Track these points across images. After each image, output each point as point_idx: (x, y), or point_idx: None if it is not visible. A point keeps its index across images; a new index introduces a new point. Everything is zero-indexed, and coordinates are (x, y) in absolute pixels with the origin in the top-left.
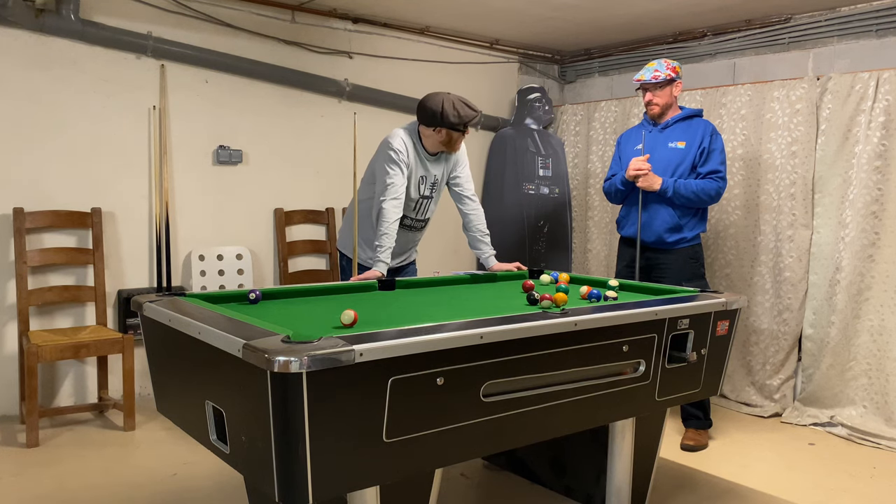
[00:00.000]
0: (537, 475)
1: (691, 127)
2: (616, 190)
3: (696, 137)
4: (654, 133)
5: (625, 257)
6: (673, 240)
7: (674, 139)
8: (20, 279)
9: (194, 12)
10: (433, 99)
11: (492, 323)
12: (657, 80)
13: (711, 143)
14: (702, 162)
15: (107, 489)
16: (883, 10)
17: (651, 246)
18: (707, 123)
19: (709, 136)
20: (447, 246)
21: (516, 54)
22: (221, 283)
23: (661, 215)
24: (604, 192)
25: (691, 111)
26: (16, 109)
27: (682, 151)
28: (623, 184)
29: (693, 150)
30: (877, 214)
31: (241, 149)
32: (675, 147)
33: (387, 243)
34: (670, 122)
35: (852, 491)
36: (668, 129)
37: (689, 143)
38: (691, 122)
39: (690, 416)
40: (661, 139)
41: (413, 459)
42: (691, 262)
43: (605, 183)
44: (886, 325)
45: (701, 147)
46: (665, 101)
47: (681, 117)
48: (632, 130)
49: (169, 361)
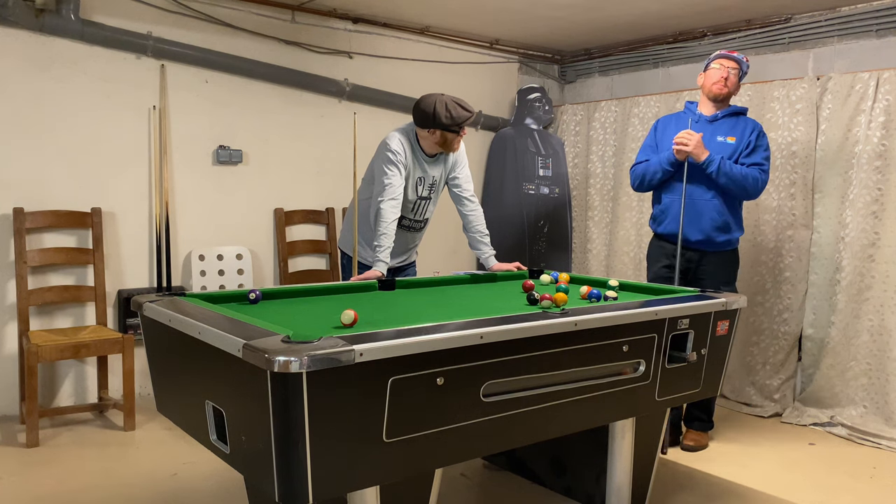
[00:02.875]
0: (537, 475)
1: (740, 123)
2: (659, 171)
3: (745, 134)
4: (701, 123)
5: (661, 258)
6: (722, 240)
7: (723, 133)
8: (20, 279)
9: (194, 12)
10: (426, 100)
11: (492, 323)
12: (743, 62)
13: (758, 140)
14: (747, 153)
15: (107, 489)
16: (883, 10)
17: (692, 246)
18: (755, 122)
19: (757, 132)
20: (447, 246)
21: (516, 54)
22: (221, 283)
23: (709, 212)
24: (631, 177)
25: (739, 108)
26: (16, 109)
27: (732, 146)
28: (671, 164)
29: (742, 146)
30: (877, 214)
31: (241, 149)
32: (726, 142)
33: (385, 243)
34: (719, 115)
35: (852, 491)
36: (717, 123)
37: (738, 139)
38: (739, 118)
39: (694, 417)
40: (709, 131)
41: (413, 459)
42: (732, 266)
43: (635, 167)
44: (886, 325)
45: (748, 141)
46: (732, 89)
47: (729, 112)
48: (672, 116)
49: (169, 361)
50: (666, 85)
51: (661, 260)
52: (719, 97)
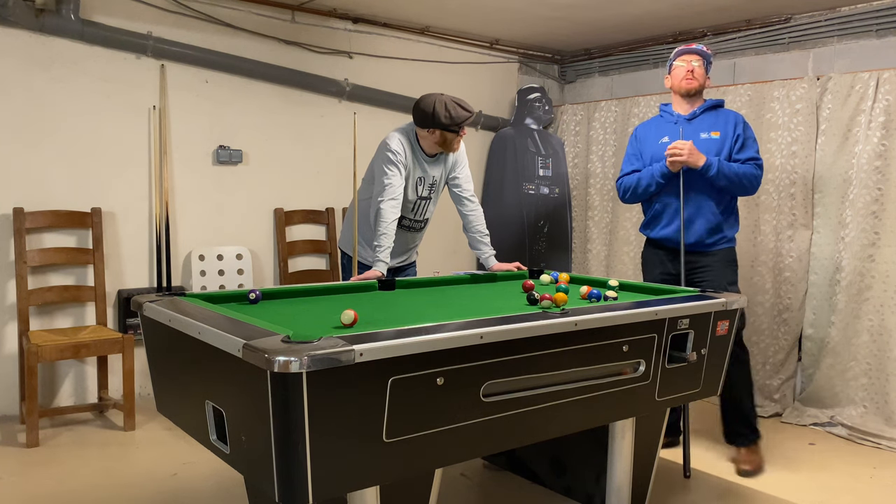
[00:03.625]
0: (537, 475)
1: (720, 116)
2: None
3: (728, 126)
4: (680, 123)
5: (657, 264)
6: (712, 240)
7: (705, 129)
8: (20, 279)
9: (194, 12)
10: (426, 100)
11: (492, 323)
12: (704, 52)
13: (745, 131)
14: (738, 149)
15: (107, 489)
16: (883, 10)
17: (687, 249)
18: (736, 113)
19: (741, 124)
20: (447, 246)
21: (516, 54)
22: (221, 283)
23: (704, 214)
24: (620, 191)
25: (715, 101)
26: (16, 109)
27: (717, 142)
28: (664, 177)
29: (729, 140)
30: (877, 214)
31: (241, 149)
32: (710, 137)
33: (385, 243)
34: (697, 111)
35: (852, 491)
36: (697, 120)
37: (723, 133)
38: (719, 111)
39: (735, 433)
40: (690, 130)
41: (413, 459)
42: (731, 266)
43: (623, 179)
44: (886, 325)
45: (735, 135)
46: (702, 82)
47: (707, 107)
48: (650, 122)
49: (169, 361)
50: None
51: (657, 266)
52: (691, 91)
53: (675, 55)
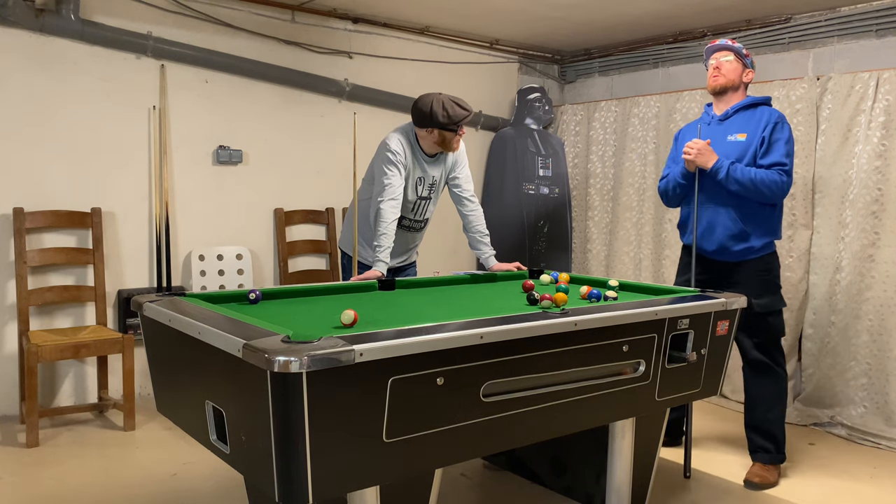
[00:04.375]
0: (537, 475)
1: (754, 116)
2: (675, 185)
3: (758, 128)
4: (712, 125)
5: (685, 270)
6: (739, 249)
7: (734, 131)
8: (20, 279)
9: (194, 12)
10: (424, 100)
11: (492, 323)
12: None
13: (774, 133)
14: (762, 153)
15: (107, 489)
16: (883, 10)
17: (712, 256)
18: (773, 111)
19: (772, 124)
20: (447, 246)
21: (516, 54)
22: (221, 283)
23: (722, 220)
24: (659, 194)
25: (757, 98)
26: (16, 109)
27: (742, 144)
28: (684, 177)
29: (755, 142)
30: (877, 214)
31: (241, 149)
32: (735, 140)
33: (385, 243)
34: (730, 111)
35: (852, 491)
36: (729, 121)
37: (750, 135)
38: (755, 110)
39: (757, 447)
40: (719, 132)
41: (413, 459)
42: (762, 275)
43: (661, 182)
44: (886, 325)
45: (762, 137)
46: (731, 78)
47: (743, 105)
48: (691, 125)
49: (169, 361)
50: (666, 85)
51: (684, 272)
52: (717, 89)
53: (706, 54)
